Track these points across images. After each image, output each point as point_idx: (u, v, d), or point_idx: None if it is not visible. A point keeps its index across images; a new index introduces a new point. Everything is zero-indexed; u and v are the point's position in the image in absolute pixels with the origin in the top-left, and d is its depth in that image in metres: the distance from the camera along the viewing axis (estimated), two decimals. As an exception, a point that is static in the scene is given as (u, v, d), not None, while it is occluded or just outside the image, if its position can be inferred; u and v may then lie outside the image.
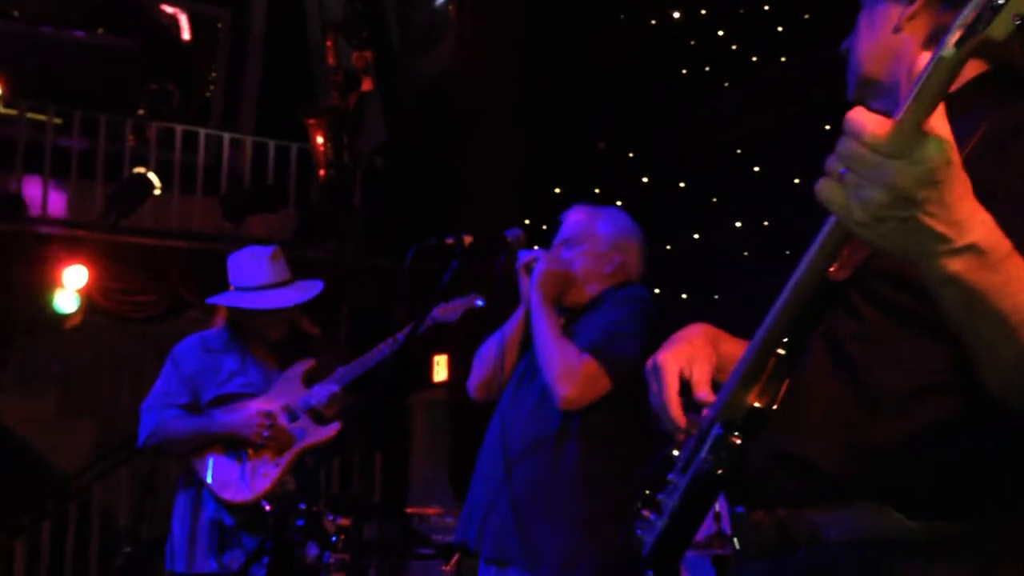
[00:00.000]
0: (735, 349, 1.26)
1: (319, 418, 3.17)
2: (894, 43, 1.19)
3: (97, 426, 7.72)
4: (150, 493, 4.16)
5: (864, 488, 1.05)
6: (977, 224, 0.87)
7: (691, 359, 1.20)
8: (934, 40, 1.15)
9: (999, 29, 0.75)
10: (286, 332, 3.25)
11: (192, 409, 3.17)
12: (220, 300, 3.25)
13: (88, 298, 6.13)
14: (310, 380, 3.23)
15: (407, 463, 7.05)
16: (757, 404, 1.06)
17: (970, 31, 0.76)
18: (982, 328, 0.92)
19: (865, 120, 0.82)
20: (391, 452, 6.77)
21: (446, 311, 3.09)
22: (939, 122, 0.81)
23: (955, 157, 0.84)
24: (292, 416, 3.16)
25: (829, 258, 0.99)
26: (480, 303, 3.10)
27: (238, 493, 3.06)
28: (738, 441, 1.06)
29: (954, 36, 0.77)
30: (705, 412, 1.16)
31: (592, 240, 2.53)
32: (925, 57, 0.80)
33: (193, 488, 3.16)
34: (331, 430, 3.15)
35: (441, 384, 6.33)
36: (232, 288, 3.24)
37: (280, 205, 7.29)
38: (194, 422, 3.14)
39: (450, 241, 2.33)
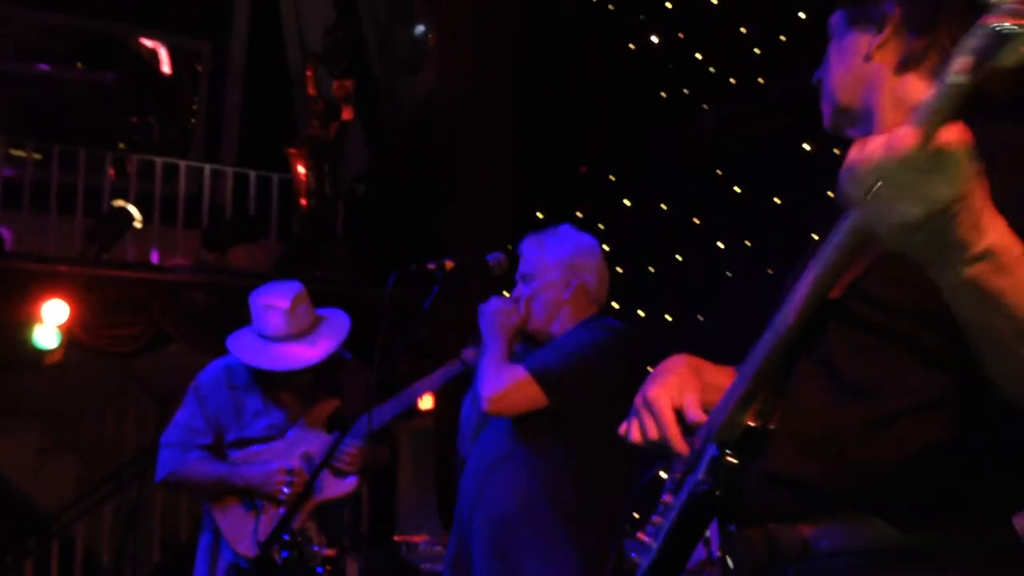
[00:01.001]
0: (717, 376, 1.29)
1: (344, 470, 3.12)
2: (865, 71, 1.22)
3: (80, 462, 7.70)
4: (133, 531, 4.09)
5: (854, 502, 1.08)
6: (993, 228, 0.91)
7: (680, 388, 1.22)
8: (906, 66, 1.18)
9: (1009, 58, 0.78)
10: (311, 379, 3.18)
11: (215, 450, 3.13)
12: (236, 353, 3.13)
13: (69, 333, 6.12)
14: (333, 423, 3.17)
15: (394, 492, 7.01)
16: (753, 424, 1.07)
17: (981, 59, 0.79)
18: (995, 329, 0.94)
19: (899, 139, 0.85)
20: (378, 480, 6.74)
21: (430, 383, 3.03)
22: (965, 134, 0.85)
23: (978, 166, 0.87)
24: (311, 466, 3.11)
25: (835, 278, 1.02)
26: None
27: (252, 548, 3.02)
28: (735, 461, 1.07)
29: (963, 63, 0.80)
30: (697, 434, 1.17)
31: (544, 270, 2.50)
32: (912, 84, 0.79)
33: (211, 532, 3.12)
34: (348, 486, 3.11)
35: (427, 412, 6.32)
36: (255, 331, 3.14)
37: (262, 235, 7.29)
38: (217, 470, 3.08)
39: (431, 267, 2.33)
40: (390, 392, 3.05)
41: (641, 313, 5.67)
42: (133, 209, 6.67)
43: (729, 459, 1.08)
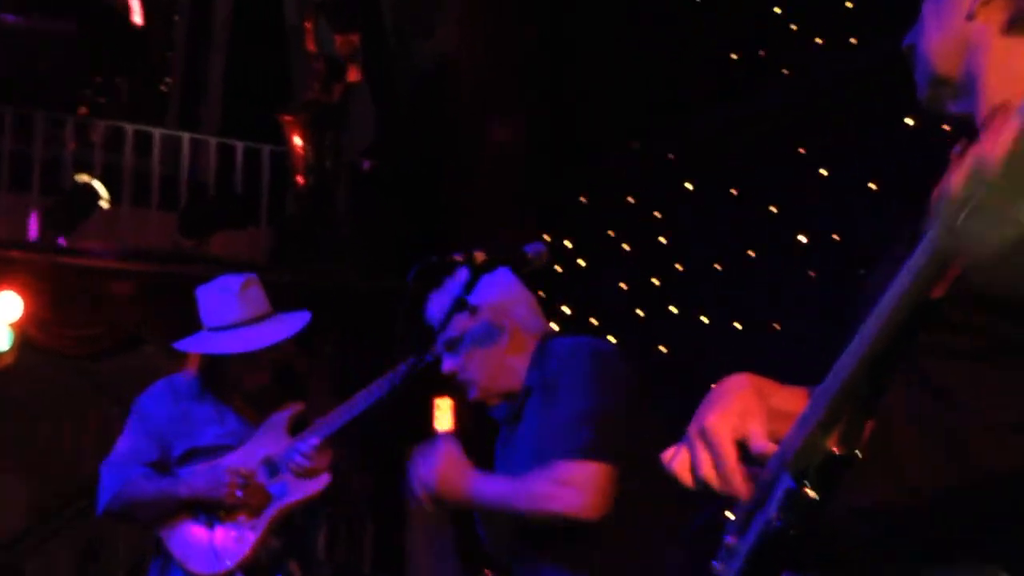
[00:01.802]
0: (789, 399, 1.28)
1: (305, 472, 3.20)
2: (967, 33, 1.20)
3: (32, 484, 7.66)
4: (94, 563, 4.16)
5: (967, 546, 1.06)
6: None
7: (742, 414, 1.21)
8: (1016, 26, 1.16)
9: None
10: (269, 378, 3.32)
11: (163, 467, 3.24)
12: (187, 346, 3.31)
13: (22, 332, 6.15)
14: (298, 427, 3.27)
15: (403, 528, 6.91)
16: (837, 450, 1.06)
17: None
18: None
19: (992, 147, 0.83)
20: (383, 516, 6.71)
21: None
22: None
23: None
24: (272, 471, 3.21)
25: (930, 280, 1.00)
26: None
27: (207, 565, 3.10)
28: (815, 495, 1.06)
29: None
30: (767, 466, 1.16)
31: (473, 327, 2.51)
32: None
33: (161, 558, 3.21)
34: (317, 485, 3.18)
35: (444, 434, 6.32)
36: (204, 328, 3.29)
37: (250, 220, 7.27)
38: (161, 483, 3.19)
39: (458, 258, 2.33)
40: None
41: (705, 320, 5.68)
42: (99, 186, 6.67)
43: (808, 492, 1.06)
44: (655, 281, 6.03)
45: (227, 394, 3.30)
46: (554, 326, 2.81)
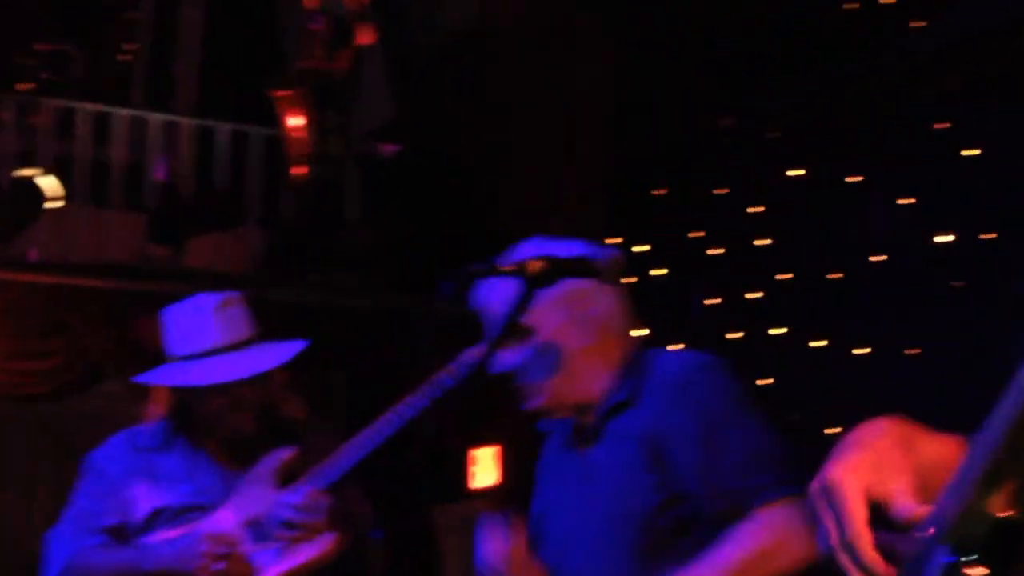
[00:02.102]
0: (940, 449, 1.30)
1: (300, 533, 3.17)
2: None
3: None
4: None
5: None
6: None
7: (879, 468, 1.23)
8: None
9: None
10: (253, 420, 3.31)
11: (123, 535, 3.25)
12: (150, 378, 3.33)
13: (-48, 366, 6.23)
14: (291, 479, 3.25)
15: None
16: (1006, 515, 1.08)
17: None
18: None
19: None
20: None
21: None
22: None
23: None
24: (259, 534, 3.21)
25: None
26: None
27: None
28: (982, 571, 1.07)
29: None
30: (913, 533, 1.17)
31: (541, 324, 2.54)
32: None
33: None
34: (317, 549, 3.17)
35: (484, 491, 6.36)
36: (171, 359, 3.32)
37: (236, 221, 7.25)
38: (121, 555, 3.20)
39: (509, 267, 2.35)
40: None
41: (818, 344, 5.64)
42: (48, 181, 6.70)
43: (972, 568, 1.08)
44: (754, 295, 6.01)
45: (201, 441, 3.33)
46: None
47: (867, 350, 5.49)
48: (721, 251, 6.30)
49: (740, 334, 6.02)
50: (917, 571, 1.14)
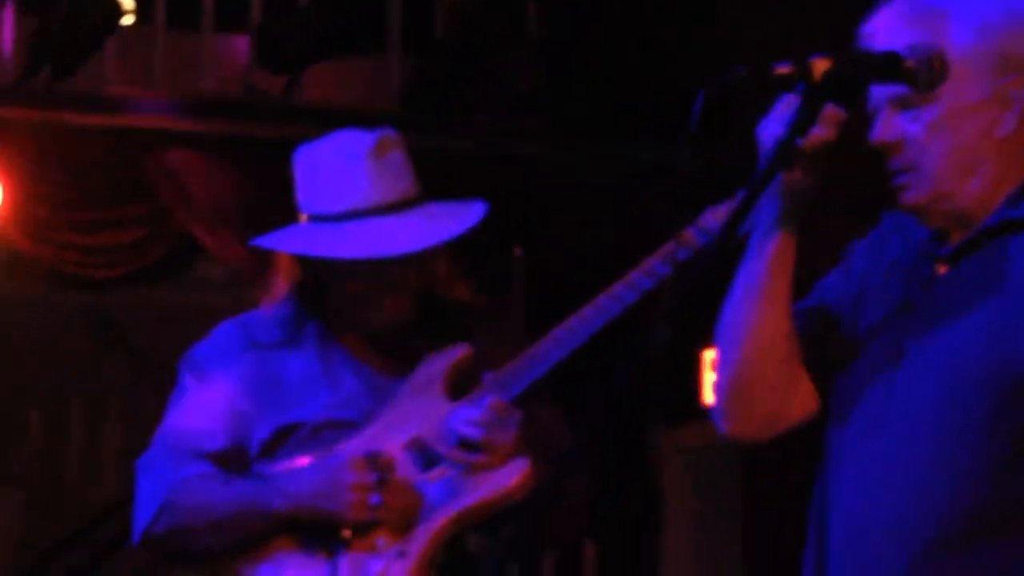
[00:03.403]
0: None
1: (483, 457, 3.14)
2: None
3: (19, 502, 7.66)
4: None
5: None
6: None
7: None
8: None
9: None
10: (413, 309, 3.18)
11: (236, 462, 3.15)
12: (281, 244, 3.21)
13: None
14: (465, 388, 3.17)
15: (655, 559, 7.04)
16: None
17: None
18: None
19: None
20: (616, 539, 6.80)
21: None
22: None
23: None
24: (426, 459, 3.14)
25: None
26: None
27: None
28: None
29: None
30: None
31: (957, 78, 2.33)
32: None
33: None
34: (505, 479, 3.08)
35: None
36: (303, 218, 3.21)
37: (373, 45, 7.22)
38: (237, 490, 3.11)
39: (784, 70, 2.23)
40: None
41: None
42: None
43: None
44: None
45: (341, 335, 3.21)
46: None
47: None
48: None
49: None
50: None
